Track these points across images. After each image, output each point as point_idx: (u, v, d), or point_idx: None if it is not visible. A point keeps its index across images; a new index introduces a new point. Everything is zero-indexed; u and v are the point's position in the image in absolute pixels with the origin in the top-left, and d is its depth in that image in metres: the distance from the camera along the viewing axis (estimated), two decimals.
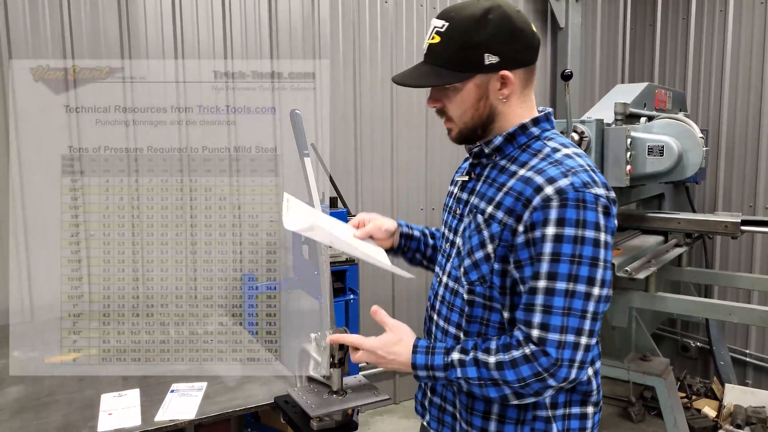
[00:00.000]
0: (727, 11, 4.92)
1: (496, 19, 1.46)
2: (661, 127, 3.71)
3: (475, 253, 1.53)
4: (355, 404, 1.81)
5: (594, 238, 1.40)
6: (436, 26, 1.52)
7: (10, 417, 2.21)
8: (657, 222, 4.03)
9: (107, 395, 2.34)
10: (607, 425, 4.56)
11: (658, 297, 3.70)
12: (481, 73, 1.49)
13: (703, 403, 4.61)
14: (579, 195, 1.39)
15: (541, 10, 5.33)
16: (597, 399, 1.63)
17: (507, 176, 1.52)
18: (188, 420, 2.20)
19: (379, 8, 4.55)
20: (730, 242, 4.95)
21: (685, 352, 5.24)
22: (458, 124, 1.57)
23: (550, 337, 1.39)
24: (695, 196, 5.04)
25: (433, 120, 4.80)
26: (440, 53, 1.51)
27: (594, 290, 1.40)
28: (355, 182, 4.57)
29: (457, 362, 1.48)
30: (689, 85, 5.24)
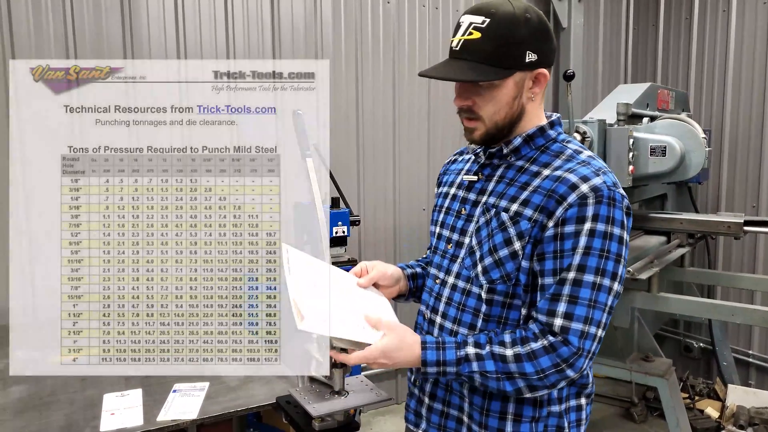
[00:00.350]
0: (730, 11, 4.91)
1: (534, 18, 1.49)
2: (664, 128, 3.70)
3: (498, 251, 1.53)
4: (356, 404, 1.81)
5: (619, 235, 1.45)
6: (474, 22, 1.49)
7: (12, 416, 2.21)
8: (659, 222, 4.02)
9: (109, 395, 2.34)
10: (610, 426, 4.55)
11: (660, 297, 3.69)
12: (521, 71, 1.50)
13: (705, 403, 4.60)
14: (611, 193, 1.44)
15: (544, 10, 5.30)
16: (591, 391, 1.65)
17: (529, 176, 1.54)
18: (190, 420, 2.20)
19: (381, 8, 4.54)
20: (732, 243, 4.93)
21: (687, 352, 5.24)
22: (487, 123, 1.55)
23: (573, 327, 1.41)
24: (698, 197, 5.03)
25: (435, 120, 4.80)
26: (480, 49, 1.48)
27: (615, 285, 1.45)
28: (357, 182, 4.56)
29: (473, 356, 1.47)
30: (692, 85, 5.23)
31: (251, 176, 1.58)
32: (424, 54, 4.73)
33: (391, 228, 4.73)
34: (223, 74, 1.58)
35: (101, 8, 3.61)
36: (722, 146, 5.00)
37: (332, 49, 4.37)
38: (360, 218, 3.93)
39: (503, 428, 1.56)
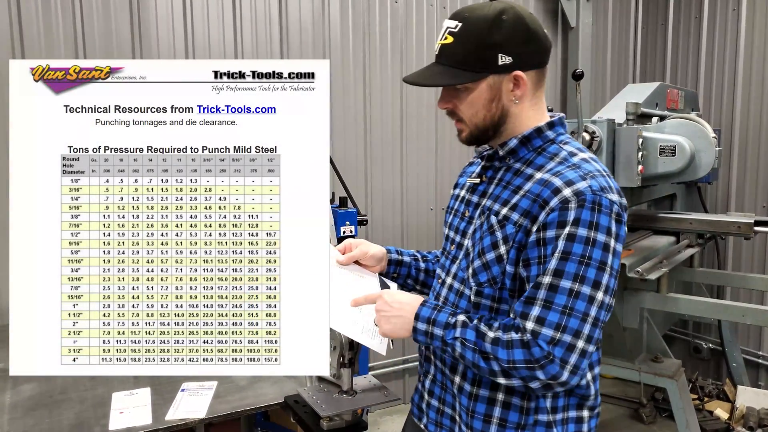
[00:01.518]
0: (740, 10, 4.87)
1: (510, 20, 1.47)
2: (673, 127, 3.68)
3: (486, 254, 1.53)
4: (364, 404, 1.82)
5: (605, 242, 1.40)
6: (449, 27, 1.52)
7: (23, 414, 2.23)
8: (669, 222, 4.00)
9: (118, 393, 2.36)
10: (618, 427, 4.54)
11: (669, 298, 3.67)
12: (495, 74, 1.50)
13: (715, 405, 4.57)
14: (596, 198, 1.40)
15: (552, 10, 5.31)
16: (594, 404, 1.62)
17: (522, 179, 1.53)
18: (199, 419, 2.21)
19: (389, 8, 4.54)
20: (742, 243, 4.90)
21: (697, 353, 5.21)
22: (469, 125, 1.57)
23: (543, 332, 1.37)
24: (707, 197, 5.00)
25: (442, 120, 4.80)
26: (453, 53, 1.51)
27: (598, 294, 1.39)
28: (365, 182, 4.57)
29: (460, 323, 1.47)
30: (701, 85, 5.20)
31: (251, 176, 1.58)
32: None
33: (398, 227, 4.74)
34: (223, 74, 1.58)
35: (110, 8, 3.63)
36: (732, 146, 4.96)
37: (340, 48, 4.37)
38: (367, 218, 3.94)
39: (487, 431, 1.56)
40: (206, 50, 3.93)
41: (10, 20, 3.35)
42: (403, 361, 4.83)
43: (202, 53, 3.92)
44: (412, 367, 4.81)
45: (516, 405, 1.54)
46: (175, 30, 3.84)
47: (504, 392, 1.54)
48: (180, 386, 2.41)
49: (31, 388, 2.44)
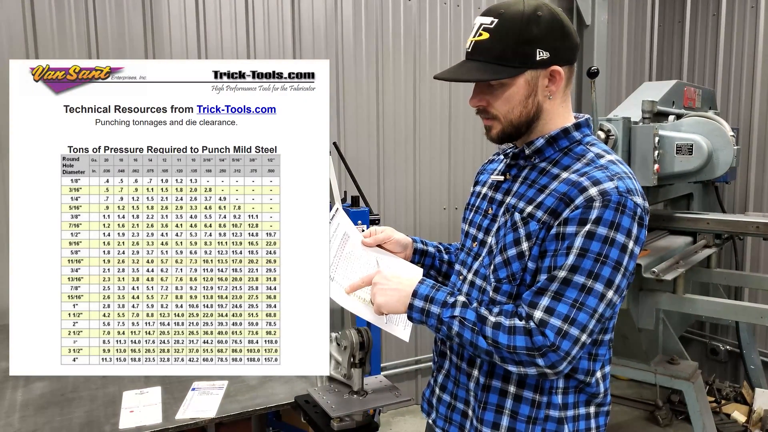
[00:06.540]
0: (758, 7, 4.80)
1: (546, 15, 1.48)
2: (690, 126, 3.63)
3: (507, 250, 1.53)
4: (375, 405, 1.81)
5: (623, 243, 1.42)
6: (484, 23, 1.51)
7: (34, 412, 2.24)
8: (685, 222, 3.96)
9: (129, 392, 2.36)
10: (634, 429, 4.50)
11: (686, 299, 3.63)
12: (532, 69, 1.50)
13: (732, 407, 4.51)
14: (621, 200, 1.42)
15: (567, 7, 5.26)
16: (603, 401, 1.63)
17: (549, 178, 1.53)
18: (209, 418, 2.21)
19: (402, 7, 4.53)
20: (761, 243, 4.84)
21: (714, 355, 5.15)
22: (503, 121, 1.56)
23: (551, 322, 1.39)
24: (725, 196, 4.94)
25: (456, 119, 4.78)
26: (489, 49, 1.50)
27: (609, 293, 1.42)
28: (378, 181, 4.56)
29: (460, 304, 1.49)
30: (719, 83, 5.13)
31: (251, 176, 1.57)
32: (445, 52, 4.71)
33: (411, 227, 4.72)
34: (223, 74, 1.58)
35: (123, 8, 3.65)
36: (750, 144, 4.89)
37: (353, 47, 4.37)
38: (380, 217, 3.93)
39: (499, 422, 1.57)
40: (219, 50, 3.94)
41: (24, 20, 3.38)
42: (416, 362, 4.81)
43: (215, 53, 3.93)
44: (424, 368, 4.80)
45: (527, 398, 1.55)
46: (188, 30, 3.85)
47: (516, 385, 1.56)
48: (191, 385, 2.40)
49: (42, 386, 2.45)
